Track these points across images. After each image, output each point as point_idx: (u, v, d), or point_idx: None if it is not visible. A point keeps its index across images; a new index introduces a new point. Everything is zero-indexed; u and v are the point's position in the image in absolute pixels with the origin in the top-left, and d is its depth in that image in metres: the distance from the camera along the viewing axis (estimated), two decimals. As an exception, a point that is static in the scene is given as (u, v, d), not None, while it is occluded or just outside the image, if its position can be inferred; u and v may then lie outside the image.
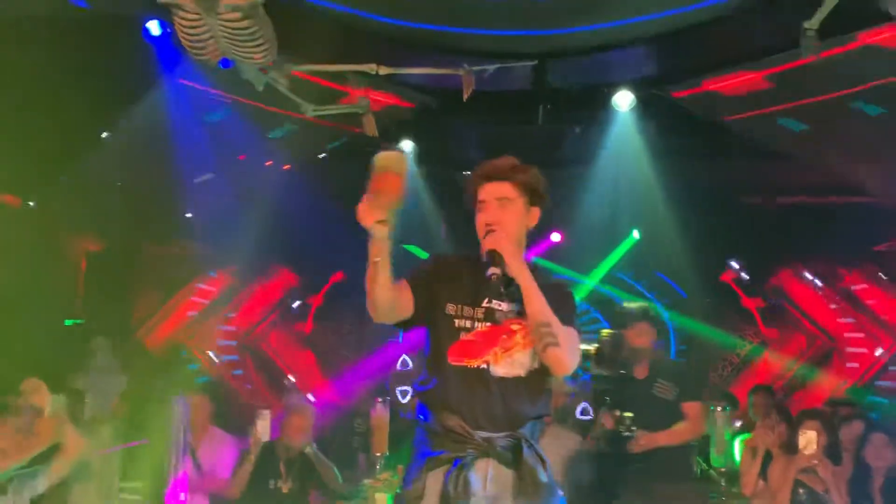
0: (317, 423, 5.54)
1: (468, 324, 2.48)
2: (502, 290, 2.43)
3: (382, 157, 2.22)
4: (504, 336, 2.45)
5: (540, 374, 2.47)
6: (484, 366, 2.44)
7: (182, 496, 4.56)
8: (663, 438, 4.32)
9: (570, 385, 5.71)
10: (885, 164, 6.17)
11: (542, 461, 2.44)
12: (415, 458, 2.49)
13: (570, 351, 2.42)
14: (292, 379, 8.12)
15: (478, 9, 4.73)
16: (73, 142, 5.73)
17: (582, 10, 4.68)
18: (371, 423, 5.73)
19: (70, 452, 3.53)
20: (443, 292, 2.50)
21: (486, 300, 2.47)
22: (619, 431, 4.20)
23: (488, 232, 2.46)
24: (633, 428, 4.24)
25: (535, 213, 2.56)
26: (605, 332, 4.39)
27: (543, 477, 2.41)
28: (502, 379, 2.43)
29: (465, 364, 2.44)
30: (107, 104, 5.25)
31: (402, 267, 2.45)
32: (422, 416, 2.52)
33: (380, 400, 5.87)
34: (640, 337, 4.40)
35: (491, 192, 2.51)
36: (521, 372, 2.46)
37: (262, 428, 4.64)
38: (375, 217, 2.18)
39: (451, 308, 2.49)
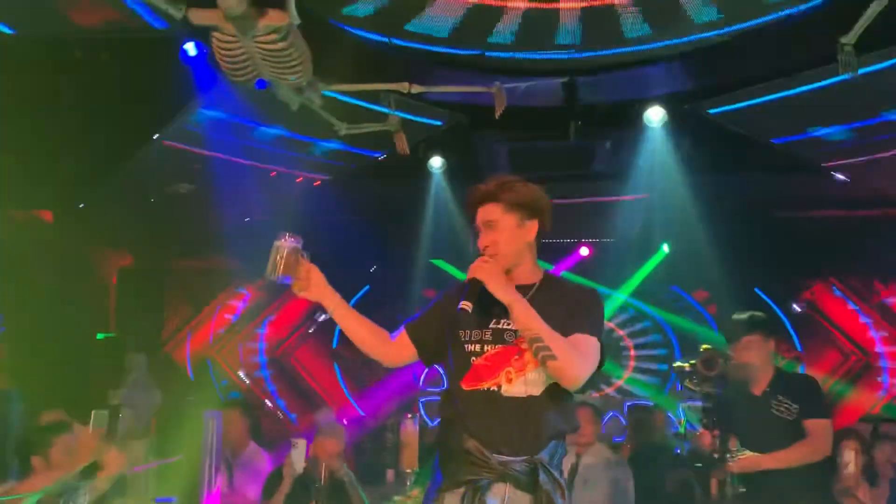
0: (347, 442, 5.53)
1: (477, 347, 2.50)
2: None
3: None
4: (515, 356, 2.46)
5: (556, 391, 2.45)
6: (494, 388, 2.45)
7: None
8: (769, 461, 3.75)
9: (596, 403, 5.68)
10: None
11: (560, 487, 2.41)
12: (434, 479, 2.52)
13: (572, 360, 2.38)
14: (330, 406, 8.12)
15: (510, 26, 4.75)
16: (108, 159, 5.82)
17: (613, 28, 4.68)
18: (400, 439, 5.74)
19: (110, 469, 3.58)
20: (454, 321, 2.53)
21: (494, 321, 2.49)
22: (710, 453, 3.76)
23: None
24: (724, 447, 3.74)
25: (531, 226, 2.55)
26: (704, 347, 4.03)
27: (560, 503, 2.40)
28: (514, 399, 2.43)
29: (478, 388, 2.46)
30: (143, 122, 5.34)
31: (430, 281, 2.54)
32: (441, 438, 2.55)
33: (409, 416, 5.88)
34: (749, 350, 3.91)
35: (482, 216, 2.55)
36: (536, 391, 2.45)
37: (297, 458, 4.55)
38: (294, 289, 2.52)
39: (461, 334, 2.54)
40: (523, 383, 2.44)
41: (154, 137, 5.56)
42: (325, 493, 4.71)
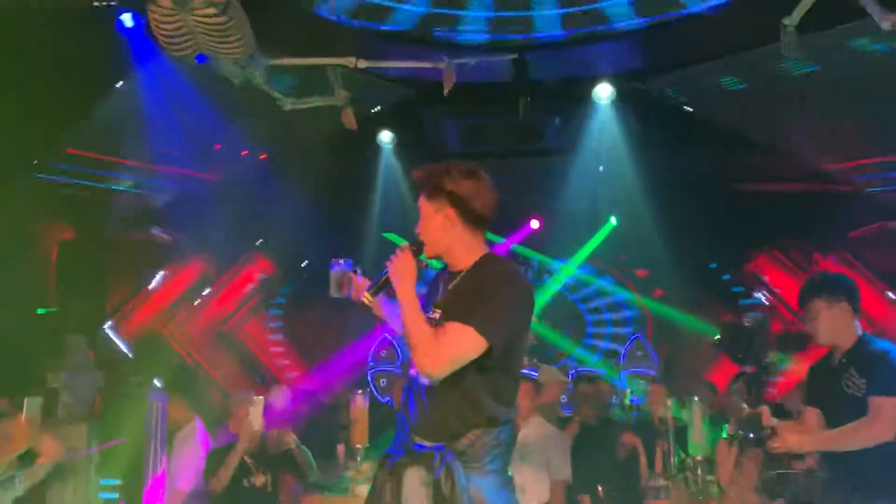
0: (298, 414, 5.51)
1: None
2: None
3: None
4: None
5: (464, 380, 2.42)
6: (414, 374, 2.50)
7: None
8: (811, 442, 3.33)
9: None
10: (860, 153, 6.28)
11: (451, 478, 2.40)
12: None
13: (423, 350, 2.39)
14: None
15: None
16: (45, 131, 5.62)
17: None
18: (351, 415, 5.73)
19: (47, 456, 3.52)
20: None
21: (432, 311, 2.54)
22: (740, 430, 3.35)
23: None
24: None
25: (449, 214, 2.54)
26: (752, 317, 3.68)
27: (449, 494, 2.39)
28: (425, 387, 2.47)
29: (409, 373, 2.54)
30: (79, 95, 5.15)
31: (381, 256, 2.58)
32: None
33: (359, 392, 5.87)
34: (816, 318, 3.40)
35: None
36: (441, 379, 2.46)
37: (255, 416, 4.32)
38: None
39: None
40: None
41: (91, 110, 5.38)
42: (264, 462, 4.59)
